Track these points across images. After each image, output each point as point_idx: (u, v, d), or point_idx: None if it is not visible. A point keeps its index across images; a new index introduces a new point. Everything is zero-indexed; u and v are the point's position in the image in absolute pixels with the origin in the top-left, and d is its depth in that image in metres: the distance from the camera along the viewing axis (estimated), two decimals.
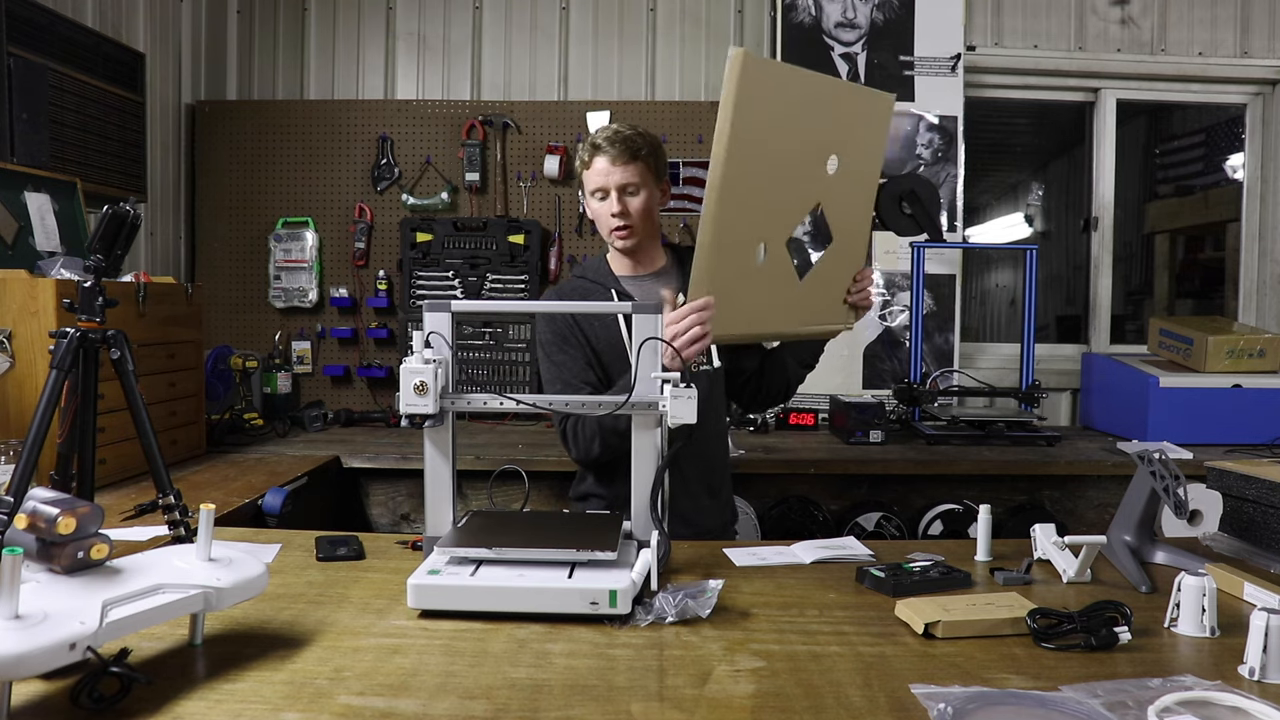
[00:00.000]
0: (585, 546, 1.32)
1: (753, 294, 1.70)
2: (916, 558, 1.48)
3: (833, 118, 1.71)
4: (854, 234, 1.88)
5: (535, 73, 3.67)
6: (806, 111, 1.66)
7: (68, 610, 0.92)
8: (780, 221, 1.71)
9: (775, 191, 1.66)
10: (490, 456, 2.78)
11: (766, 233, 1.68)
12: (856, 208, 1.85)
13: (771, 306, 1.77)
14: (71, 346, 1.48)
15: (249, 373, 3.26)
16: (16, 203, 2.49)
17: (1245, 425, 3.06)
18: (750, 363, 2.05)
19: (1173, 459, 1.51)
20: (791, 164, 1.67)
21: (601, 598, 1.23)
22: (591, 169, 1.90)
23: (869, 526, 2.77)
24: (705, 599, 1.26)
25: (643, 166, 1.88)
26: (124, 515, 1.76)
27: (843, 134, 1.73)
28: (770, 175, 1.63)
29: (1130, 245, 4.68)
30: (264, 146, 3.61)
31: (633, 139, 1.87)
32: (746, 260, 1.66)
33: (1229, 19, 3.65)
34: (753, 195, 1.60)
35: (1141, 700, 0.97)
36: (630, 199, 1.89)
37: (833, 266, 1.85)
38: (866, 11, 3.53)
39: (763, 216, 1.66)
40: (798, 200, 1.73)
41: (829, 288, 1.87)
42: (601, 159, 1.87)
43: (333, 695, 1.00)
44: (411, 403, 1.37)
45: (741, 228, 1.62)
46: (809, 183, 1.72)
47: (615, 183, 1.87)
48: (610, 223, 1.90)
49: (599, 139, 1.88)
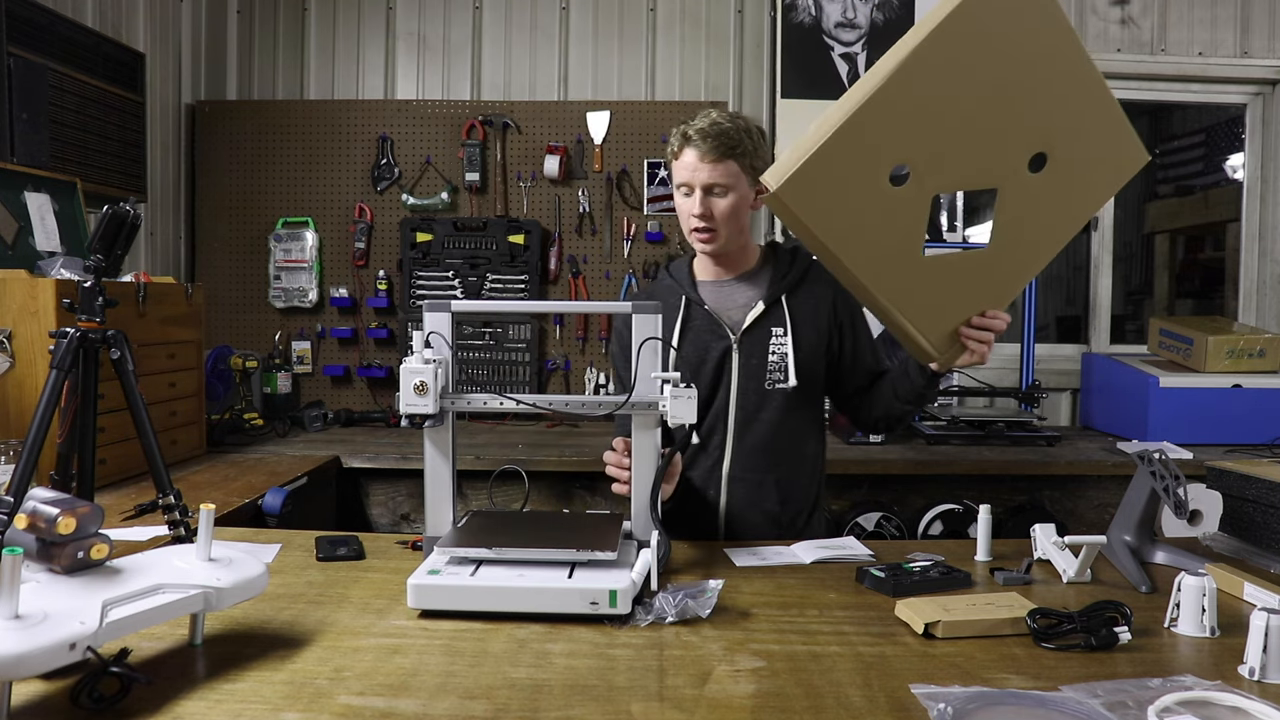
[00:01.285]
0: (585, 546, 1.31)
1: (864, 204, 1.40)
2: (916, 558, 1.48)
3: (1069, 106, 1.41)
4: (1018, 257, 1.53)
5: (535, 73, 3.67)
6: (1040, 70, 1.37)
7: (68, 610, 0.92)
8: (940, 163, 1.40)
9: (952, 126, 1.37)
10: (490, 456, 2.78)
11: (916, 160, 1.38)
12: (1040, 230, 1.50)
13: (873, 243, 1.44)
14: (71, 346, 1.48)
15: (249, 373, 3.26)
16: (16, 203, 2.49)
17: (1245, 425, 3.06)
18: (857, 382, 1.84)
19: (1173, 459, 1.51)
20: (988, 114, 1.38)
21: (601, 598, 1.23)
22: (680, 160, 1.70)
23: (869, 526, 2.77)
24: (705, 599, 1.25)
25: (735, 166, 1.68)
26: (124, 515, 1.76)
27: (1069, 135, 1.42)
28: (957, 103, 1.36)
29: (1130, 245, 4.68)
30: (264, 146, 3.61)
31: (730, 135, 1.66)
32: (875, 163, 1.36)
33: (1229, 19, 3.65)
34: (923, 105, 1.34)
35: (1141, 700, 0.97)
36: (716, 200, 1.69)
37: (971, 276, 1.53)
38: (866, 11, 3.53)
39: (922, 139, 1.37)
40: (973, 160, 1.42)
41: (953, 297, 1.54)
42: (691, 152, 1.68)
43: (333, 695, 1.00)
44: (411, 403, 1.37)
45: (895, 126, 1.35)
46: (997, 154, 1.42)
47: (701, 181, 1.68)
48: (691, 222, 1.72)
49: (692, 129, 1.68)
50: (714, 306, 1.79)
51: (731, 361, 1.76)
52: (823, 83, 3.54)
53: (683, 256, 1.91)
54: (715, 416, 1.78)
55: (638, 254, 3.58)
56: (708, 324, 1.78)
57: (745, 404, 1.76)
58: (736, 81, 3.65)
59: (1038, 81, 1.38)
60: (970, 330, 1.54)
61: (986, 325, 1.53)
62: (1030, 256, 1.54)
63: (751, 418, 1.76)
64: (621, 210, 3.59)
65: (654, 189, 3.57)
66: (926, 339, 1.55)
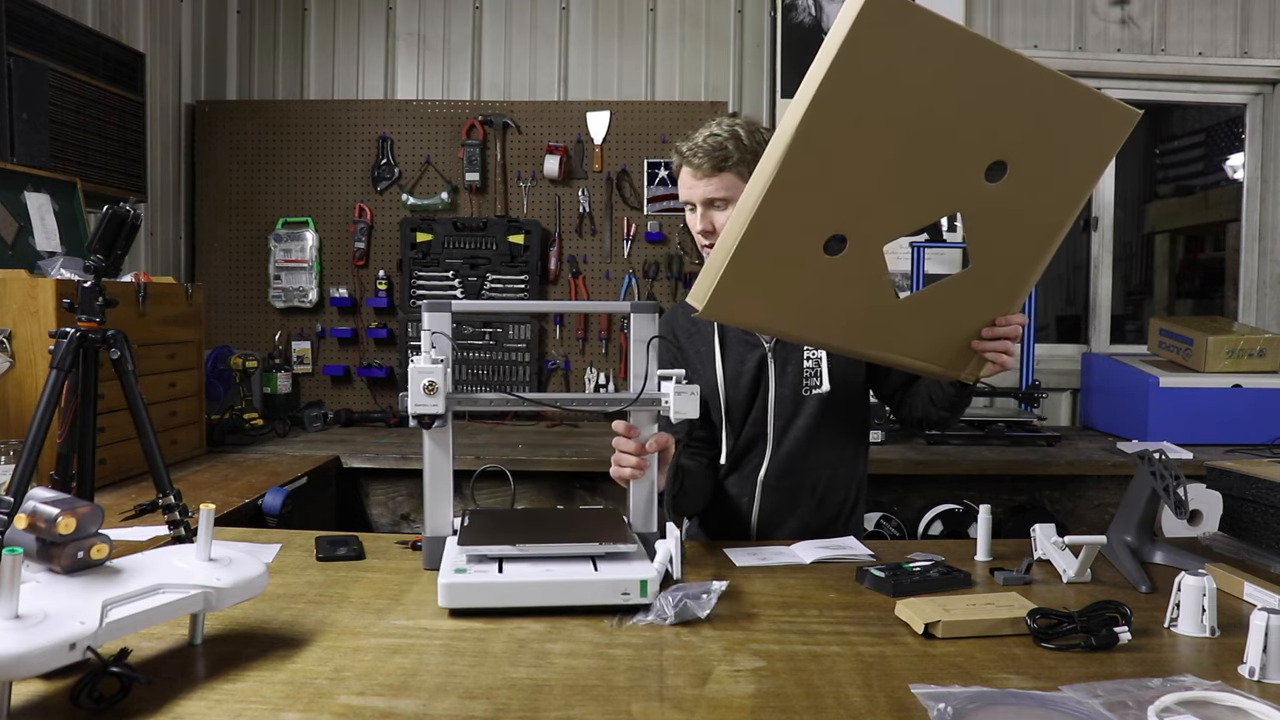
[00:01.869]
0: (600, 540, 1.33)
1: (806, 288, 1.33)
2: (916, 558, 1.48)
3: (1015, 111, 1.26)
4: (1011, 265, 1.43)
5: (535, 73, 3.67)
6: (962, 90, 1.22)
7: (68, 610, 0.92)
8: (877, 215, 1.30)
9: (877, 174, 1.25)
10: (490, 456, 2.77)
11: (848, 223, 1.28)
12: (1024, 234, 1.40)
13: (834, 313, 1.38)
14: (71, 346, 1.48)
15: (249, 373, 3.26)
16: (16, 203, 2.49)
17: (1245, 425, 3.06)
18: (895, 380, 1.80)
19: (1173, 459, 1.51)
20: (916, 148, 1.25)
21: (633, 588, 1.25)
22: (680, 179, 1.72)
23: (869, 526, 2.77)
24: (705, 600, 1.26)
25: (732, 177, 1.66)
26: (124, 515, 1.76)
27: (1026, 137, 1.29)
28: (873, 156, 1.23)
29: (1130, 245, 4.67)
30: (264, 146, 3.61)
31: (719, 148, 1.65)
32: (802, 245, 1.28)
33: (1229, 19, 3.65)
34: (837, 172, 1.22)
35: (1141, 700, 0.97)
36: (716, 213, 1.68)
37: (965, 297, 1.44)
38: None
39: (848, 200, 1.26)
40: (916, 197, 1.31)
41: (952, 322, 1.46)
42: (686, 170, 1.69)
43: (333, 695, 1.00)
44: (421, 403, 1.37)
45: (809, 207, 1.25)
46: (940, 183, 1.30)
47: (699, 196, 1.68)
48: (699, 238, 1.72)
49: (684, 147, 1.68)
50: None
51: (768, 370, 1.76)
52: None
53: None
54: (754, 425, 1.77)
55: (638, 254, 3.58)
56: (741, 334, 1.78)
57: (783, 411, 1.76)
58: (736, 81, 3.65)
59: (958, 100, 1.23)
60: (983, 343, 1.46)
61: (999, 334, 1.45)
62: (1030, 254, 1.43)
63: (789, 424, 1.76)
64: (621, 210, 3.59)
65: (654, 189, 3.57)
66: (936, 365, 1.49)
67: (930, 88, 1.20)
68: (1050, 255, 1.45)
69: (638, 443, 1.48)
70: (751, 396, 1.77)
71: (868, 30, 1.09)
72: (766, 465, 1.77)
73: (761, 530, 1.79)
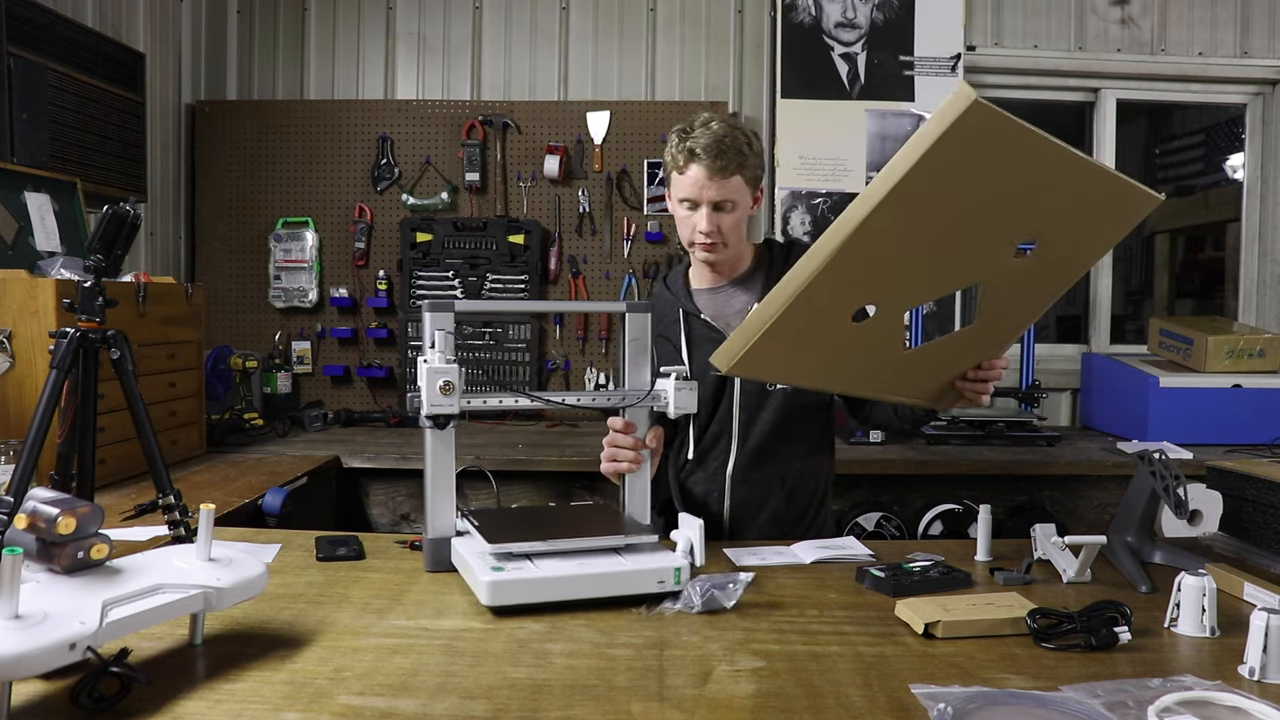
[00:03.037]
0: (618, 533, 1.37)
1: (827, 349, 1.38)
2: (916, 558, 1.48)
3: (1055, 197, 1.28)
4: (1014, 318, 1.50)
5: (535, 73, 3.67)
6: (1017, 182, 1.23)
7: (68, 610, 0.92)
8: (910, 289, 1.36)
9: (920, 256, 1.29)
10: (491, 456, 2.77)
11: (883, 296, 1.32)
12: (1033, 295, 1.46)
13: (848, 368, 1.44)
14: (71, 346, 1.48)
15: (249, 373, 3.26)
16: (16, 203, 2.49)
17: (1245, 425, 3.05)
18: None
19: (1173, 459, 1.51)
20: (961, 234, 1.28)
21: (667, 575, 1.29)
22: (685, 175, 1.66)
23: (869, 526, 2.77)
24: (732, 590, 1.27)
25: (740, 180, 1.65)
26: (124, 515, 1.76)
27: (1059, 219, 1.31)
28: (924, 239, 1.25)
29: (1130, 245, 4.67)
30: (264, 146, 3.61)
31: (737, 149, 1.62)
32: (835, 317, 1.31)
33: (1229, 19, 3.65)
34: (887, 254, 1.24)
35: (1141, 700, 0.97)
36: (724, 216, 1.67)
37: (959, 347, 1.52)
38: (866, 11, 3.53)
39: (887, 280, 1.30)
40: (947, 274, 1.37)
41: (940, 366, 1.53)
42: (697, 168, 1.63)
43: (333, 695, 1.00)
44: (437, 403, 1.36)
45: (853, 284, 1.27)
46: (976, 259, 1.34)
47: (710, 198, 1.64)
48: (696, 237, 1.69)
49: (698, 145, 1.62)
50: (711, 314, 1.79)
51: None
52: (823, 83, 3.54)
53: (678, 266, 1.91)
54: (720, 422, 1.78)
55: (638, 254, 3.58)
56: (707, 332, 1.78)
57: (748, 405, 1.77)
58: (736, 81, 3.65)
59: (1011, 192, 1.25)
60: (967, 384, 1.54)
61: (983, 377, 1.53)
62: (1033, 308, 1.52)
63: (753, 419, 1.77)
64: (621, 210, 3.59)
65: (654, 189, 3.57)
66: (920, 400, 1.59)
67: (991, 181, 1.21)
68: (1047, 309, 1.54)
69: (635, 438, 1.49)
70: (718, 392, 1.77)
71: (959, 135, 1.09)
72: (733, 460, 1.78)
73: (734, 524, 1.80)
